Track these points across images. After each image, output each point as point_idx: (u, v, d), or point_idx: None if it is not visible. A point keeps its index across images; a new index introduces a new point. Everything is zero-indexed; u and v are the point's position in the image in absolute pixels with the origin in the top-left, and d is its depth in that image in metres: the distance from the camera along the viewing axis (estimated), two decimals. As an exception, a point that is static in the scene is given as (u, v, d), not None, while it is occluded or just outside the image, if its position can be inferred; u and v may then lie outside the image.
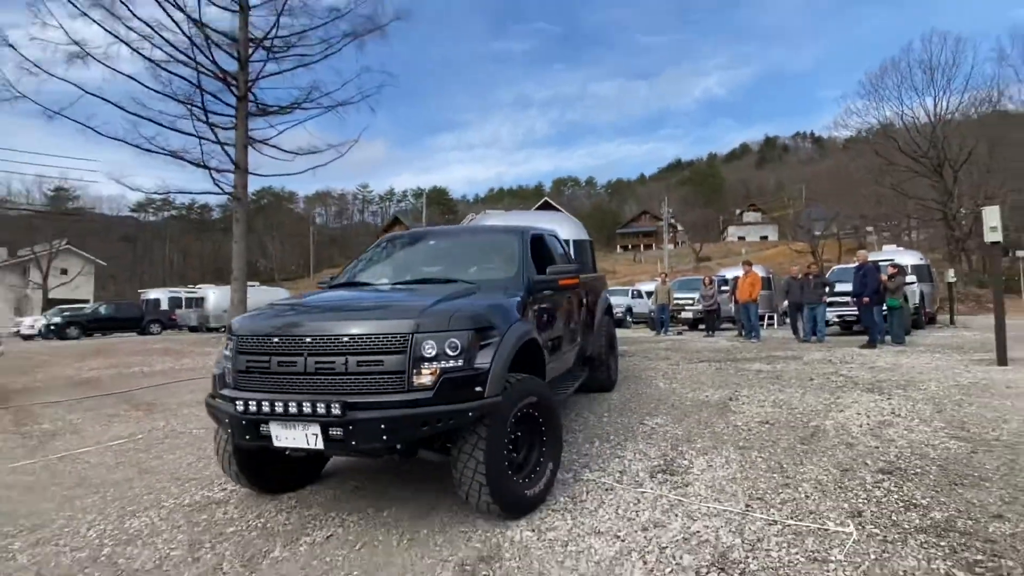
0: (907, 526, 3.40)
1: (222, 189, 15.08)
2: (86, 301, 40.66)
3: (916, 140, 38.24)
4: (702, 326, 18.91)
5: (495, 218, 12.31)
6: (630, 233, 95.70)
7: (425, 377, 3.36)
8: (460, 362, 3.43)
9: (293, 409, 3.28)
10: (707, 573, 2.97)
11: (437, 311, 3.65)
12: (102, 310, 31.02)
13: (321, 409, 3.21)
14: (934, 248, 39.32)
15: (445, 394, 3.32)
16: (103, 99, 14.16)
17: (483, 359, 3.53)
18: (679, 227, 79.27)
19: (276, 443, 3.41)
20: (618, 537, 3.43)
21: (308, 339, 3.57)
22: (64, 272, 46.31)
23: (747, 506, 3.79)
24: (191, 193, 27.49)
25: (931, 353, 10.41)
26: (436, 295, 4.02)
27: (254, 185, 15.95)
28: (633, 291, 26.56)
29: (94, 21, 13.47)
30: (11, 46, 12.81)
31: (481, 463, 3.36)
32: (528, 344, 4.15)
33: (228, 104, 15.02)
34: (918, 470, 4.31)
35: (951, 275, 22.68)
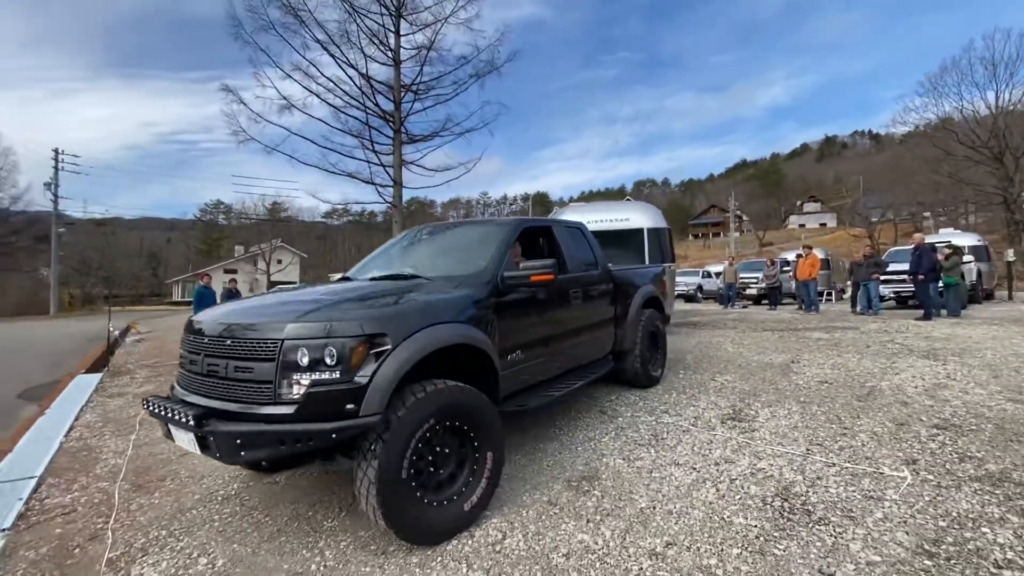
0: (961, 475, 3.04)
1: (384, 200, 16.07)
2: (294, 282, 44.80)
3: (976, 131, 32.62)
4: (765, 301, 17.58)
5: (573, 210, 10.39)
6: (700, 224, 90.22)
7: (293, 389, 2.34)
8: (336, 374, 2.35)
9: (171, 413, 2.49)
10: (772, 500, 2.84)
11: (314, 316, 2.52)
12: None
13: (182, 417, 2.42)
14: (993, 231, 33.66)
15: (309, 410, 2.29)
16: (303, 137, 15.64)
17: (365, 372, 2.39)
18: (744, 217, 73.63)
19: (177, 443, 2.62)
20: (694, 469, 3.35)
21: (206, 339, 2.71)
22: (279, 262, 51.30)
23: (808, 450, 3.54)
24: (362, 203, 29.50)
25: (988, 325, 9.02)
26: (351, 295, 2.87)
27: (406, 196, 16.76)
28: (703, 272, 25.14)
29: (296, 81, 14.71)
30: (243, 103, 14.26)
31: (373, 483, 2.35)
32: (462, 349, 2.89)
33: (387, 136, 15.88)
34: (973, 427, 3.81)
35: (1010, 255, 19.37)
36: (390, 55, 15.75)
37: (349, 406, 2.33)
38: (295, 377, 2.34)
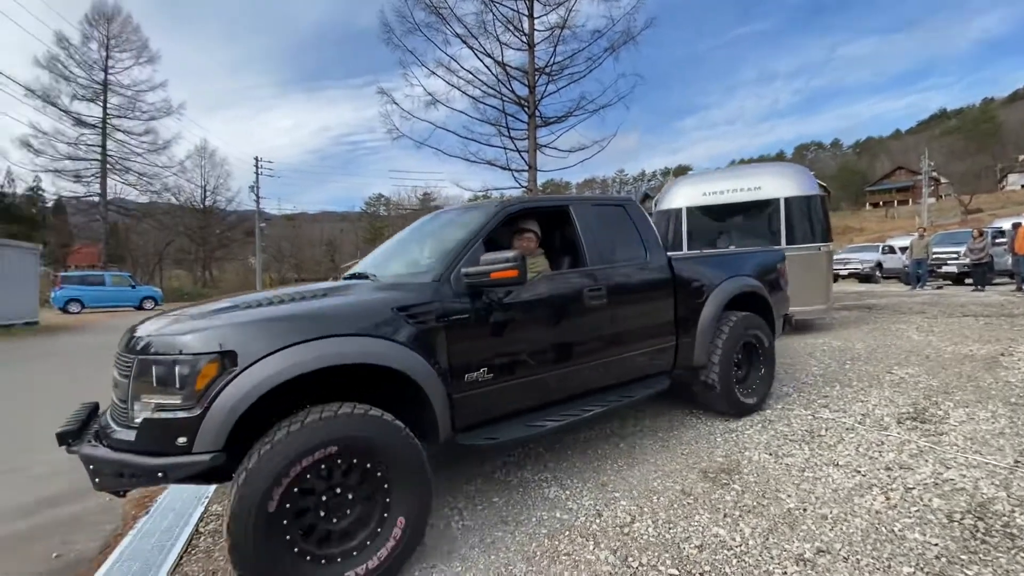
0: None
1: (520, 184, 16.53)
2: (441, 266, 48.44)
3: None
4: (969, 280, 14.44)
5: (686, 182, 8.42)
6: (881, 190, 76.34)
7: (139, 413, 1.97)
8: (177, 399, 1.92)
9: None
10: (961, 518, 2.39)
11: (177, 328, 2.10)
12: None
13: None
14: None
15: (143, 440, 1.93)
16: (446, 129, 16.79)
17: (205, 400, 1.91)
18: (941, 180, 60.81)
19: None
20: (858, 472, 2.95)
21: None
22: (429, 247, 56.12)
23: (1016, 462, 2.89)
24: (500, 189, 30.57)
25: None
26: (248, 302, 2.43)
27: (541, 179, 17.03)
28: (884, 247, 21.27)
29: (439, 77, 15.75)
30: (395, 103, 15.69)
31: (225, 520, 1.93)
32: (369, 370, 2.23)
33: (522, 121, 16.24)
34: None
35: None
36: (524, 39, 15.97)
37: (181, 440, 1.88)
38: (144, 399, 1.97)
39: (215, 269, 41.73)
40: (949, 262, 15.85)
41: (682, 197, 7.97)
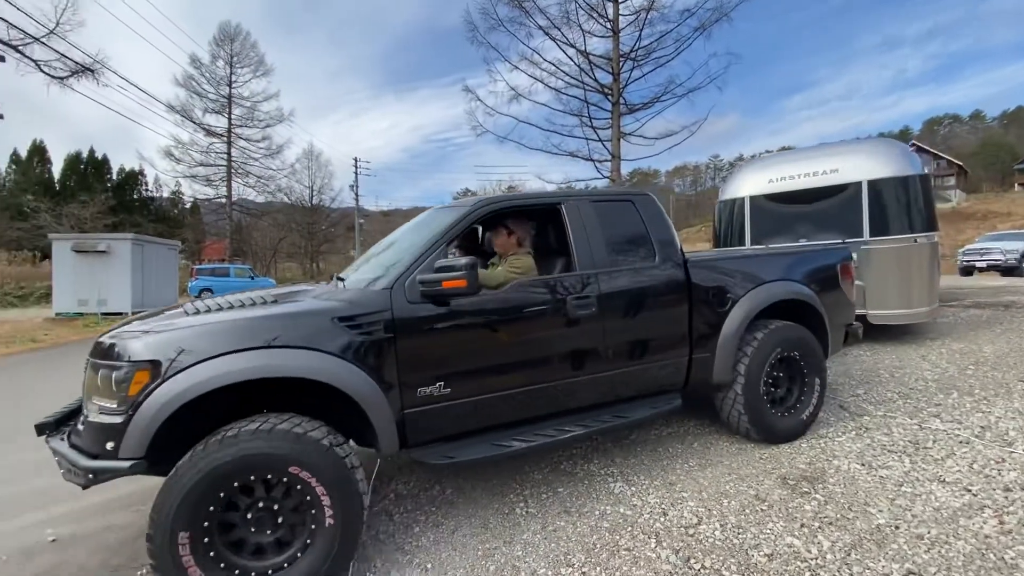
0: None
1: (602, 175, 16.22)
2: (526, 258, 48.91)
3: None
4: None
5: (755, 166, 7.27)
6: (1035, 168, 65.16)
7: (88, 415, 2.09)
8: (114, 404, 1.98)
9: None
10: (1098, 555, 2.06)
11: (121, 335, 2.17)
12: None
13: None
14: None
15: (84, 441, 2.06)
16: (528, 123, 16.92)
17: (133, 408, 1.96)
18: (1123, 152, 50.52)
19: None
20: (968, 490, 2.63)
21: None
22: (514, 240, 56.93)
23: None
24: (582, 180, 30.24)
25: None
26: (203, 307, 2.40)
27: (626, 168, 16.59)
28: (1035, 234, 18.15)
29: (521, 71, 15.86)
30: (479, 100, 16.06)
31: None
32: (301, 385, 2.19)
33: (605, 109, 15.89)
34: None
35: None
36: (608, 26, 15.58)
37: (110, 444, 1.96)
38: (93, 401, 2.07)
39: (321, 262, 45.50)
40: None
41: (745, 185, 7.01)
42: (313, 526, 2.05)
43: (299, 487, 2.03)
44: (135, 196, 43.36)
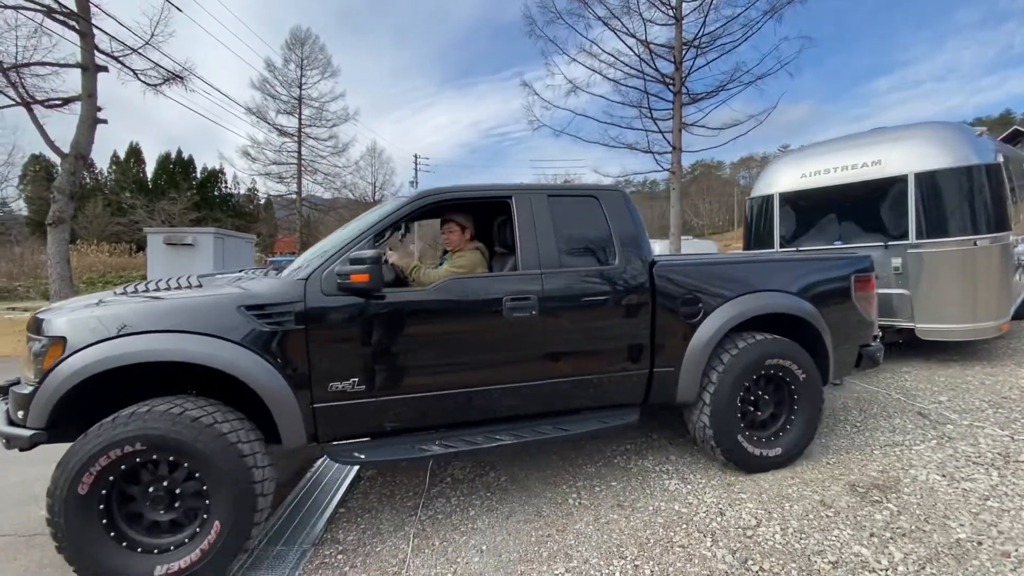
0: None
1: (663, 167, 15.75)
2: (581, 253, 48.50)
3: None
4: None
5: (791, 159, 6.40)
6: None
7: (18, 384, 2.23)
8: (31, 375, 2.14)
9: None
10: None
11: (56, 307, 2.36)
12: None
13: None
14: None
15: (11, 408, 2.21)
16: (586, 116, 16.64)
17: (41, 379, 2.07)
18: None
19: None
20: (1067, 510, 2.40)
21: None
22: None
23: None
24: (642, 173, 29.59)
25: None
26: (154, 289, 2.50)
27: (687, 160, 16.08)
28: None
29: (580, 64, 15.65)
30: (536, 94, 16.02)
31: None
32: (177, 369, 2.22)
33: (666, 100, 15.40)
34: None
35: None
36: (671, 13, 15.06)
37: (20, 413, 2.11)
38: (23, 371, 2.23)
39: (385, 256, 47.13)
40: None
41: (776, 180, 6.26)
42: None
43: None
44: (216, 193, 46.68)
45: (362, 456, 2.42)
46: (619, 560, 2.22)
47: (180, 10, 11.53)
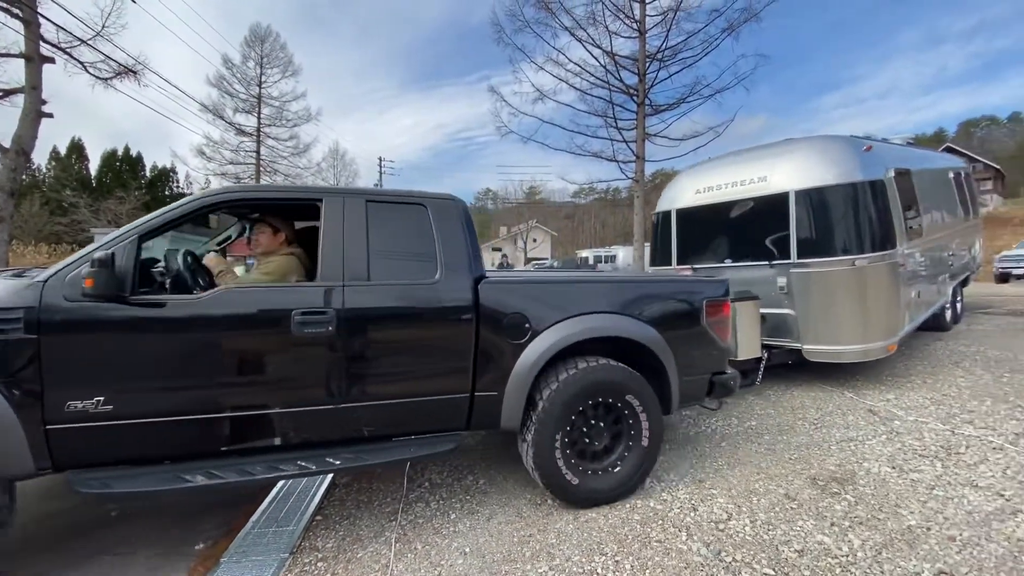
0: None
1: (627, 176, 16.16)
2: (546, 258, 48.99)
3: None
4: None
5: (683, 176, 6.30)
6: (1080, 172, 62.34)
7: None
8: None
9: None
10: None
11: None
12: (555, 264, 36.86)
13: None
14: None
15: None
16: (552, 124, 16.99)
17: None
18: None
19: None
20: (1001, 495, 2.63)
21: None
22: (535, 240, 56.93)
23: None
24: (606, 181, 30.18)
25: None
26: None
27: (650, 169, 16.52)
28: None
29: (547, 72, 15.91)
30: (505, 101, 16.16)
31: None
32: None
33: (630, 110, 15.85)
34: None
35: None
36: (635, 26, 15.53)
37: None
38: None
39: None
40: None
41: (675, 196, 6.05)
42: None
43: None
44: (167, 192, 44.65)
45: (111, 487, 2.06)
46: (600, 556, 2.29)
47: (134, 1, 11.07)
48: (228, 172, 33.48)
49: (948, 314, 6.89)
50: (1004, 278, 16.36)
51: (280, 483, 3.18)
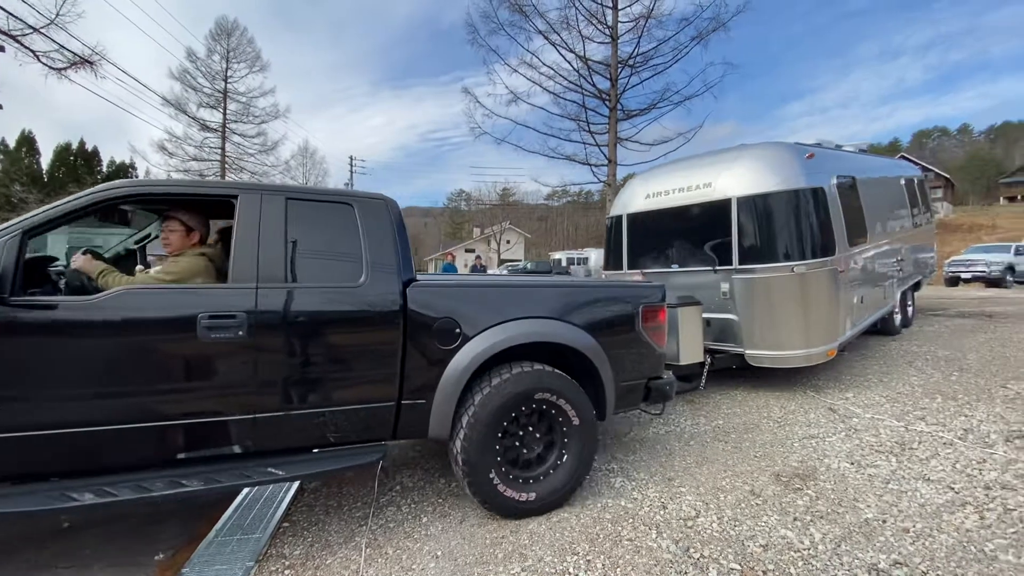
0: None
1: (599, 179, 16.40)
2: (519, 260, 49.12)
3: None
4: None
5: (635, 181, 6.37)
6: (1019, 183, 66.06)
7: None
8: None
9: None
10: (1069, 547, 2.19)
11: None
12: (528, 266, 36.91)
13: None
14: None
15: None
16: (526, 126, 17.07)
17: None
18: (1102, 169, 51.65)
19: None
20: (951, 488, 2.77)
21: None
22: (508, 242, 57.03)
23: None
24: (579, 184, 30.42)
25: None
26: None
27: (621, 173, 16.77)
28: (1018, 247, 18.60)
29: (521, 74, 15.99)
30: (479, 102, 16.16)
31: None
32: None
33: (602, 115, 16.08)
34: None
35: None
36: (607, 32, 15.76)
37: None
38: None
39: (312, 259, 45.33)
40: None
41: (628, 201, 6.04)
42: None
43: None
44: (126, 189, 42.91)
45: None
46: (572, 556, 2.30)
47: (91, -11, 10.61)
48: (191, 168, 32.43)
49: (898, 318, 6.96)
50: (954, 282, 17.25)
51: (246, 489, 3.09)
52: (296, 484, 3.14)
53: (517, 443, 2.72)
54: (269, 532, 2.61)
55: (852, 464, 3.14)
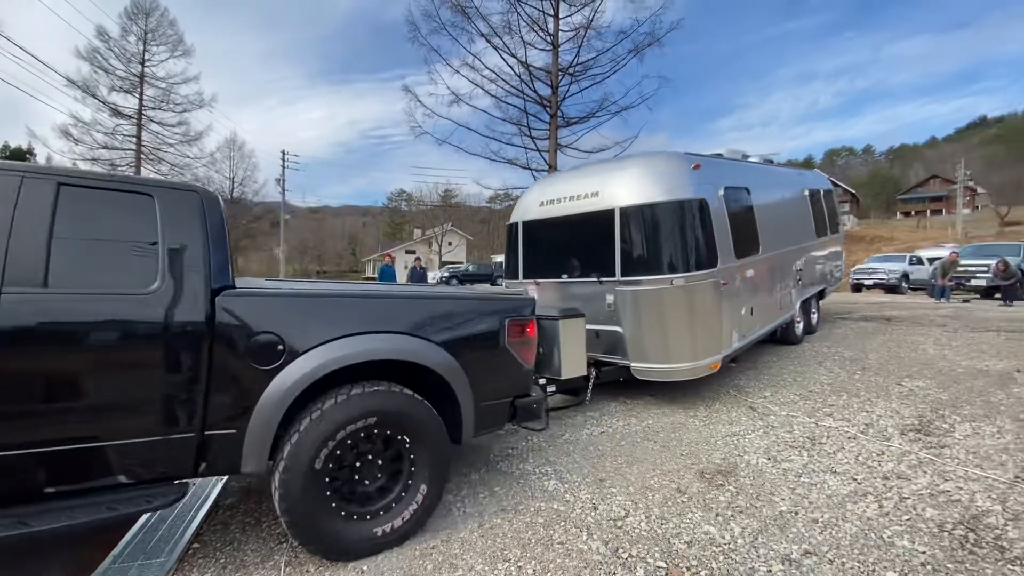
0: None
1: (540, 183, 16.67)
2: (461, 262, 48.84)
3: None
4: (998, 295, 14.02)
5: (535, 187, 6.25)
6: (914, 199, 74.05)
7: None
8: None
9: None
10: (952, 528, 2.42)
11: None
12: (471, 268, 36.77)
13: None
14: None
15: None
16: (468, 128, 17.07)
17: None
18: (979, 190, 58.70)
19: None
20: (854, 479, 2.99)
21: None
22: (450, 244, 56.55)
23: (1016, 477, 2.90)
24: (520, 188, 30.60)
25: None
26: None
27: (561, 178, 17.06)
28: (912, 258, 20.74)
29: (463, 76, 15.93)
30: (419, 101, 15.92)
31: None
32: None
33: (543, 121, 16.35)
34: None
35: None
36: (549, 40, 16.03)
37: None
38: None
39: (241, 258, 42.82)
40: (978, 275, 15.36)
41: (525, 208, 5.80)
42: None
43: None
44: (22, 177, 38.66)
45: None
46: (503, 563, 2.27)
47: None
48: (101, 157, 29.76)
49: (799, 327, 6.95)
50: (858, 288, 18.98)
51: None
52: (209, 503, 2.91)
53: (354, 474, 2.38)
54: (176, 555, 2.39)
55: (769, 459, 3.33)
